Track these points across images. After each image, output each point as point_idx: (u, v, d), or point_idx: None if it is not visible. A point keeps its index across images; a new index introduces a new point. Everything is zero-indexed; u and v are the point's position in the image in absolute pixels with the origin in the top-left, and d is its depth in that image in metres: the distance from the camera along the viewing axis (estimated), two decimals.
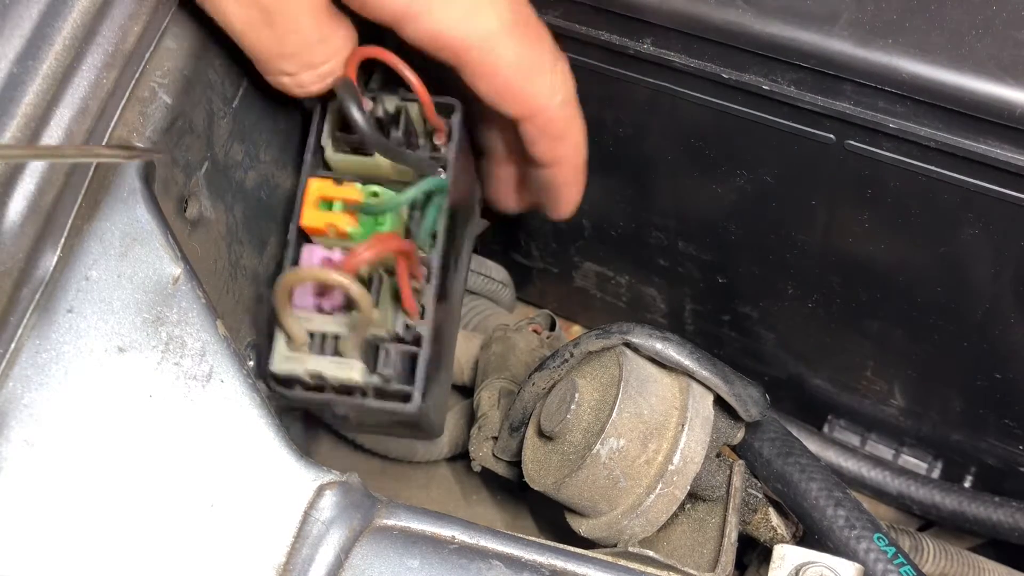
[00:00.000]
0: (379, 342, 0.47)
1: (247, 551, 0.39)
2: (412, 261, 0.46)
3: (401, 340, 0.47)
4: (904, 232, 0.52)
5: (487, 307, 0.77)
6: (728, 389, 0.50)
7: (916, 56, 0.44)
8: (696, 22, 0.48)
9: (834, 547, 0.50)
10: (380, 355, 0.47)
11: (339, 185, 0.46)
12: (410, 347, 0.47)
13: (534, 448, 0.54)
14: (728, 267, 0.63)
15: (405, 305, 0.46)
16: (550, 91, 0.49)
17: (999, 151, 0.44)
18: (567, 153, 0.53)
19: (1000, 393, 0.59)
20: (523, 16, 0.47)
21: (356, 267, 0.43)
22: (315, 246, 0.47)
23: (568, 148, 0.53)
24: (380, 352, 0.47)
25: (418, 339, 0.47)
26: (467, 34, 0.45)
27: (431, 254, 0.48)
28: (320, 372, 0.45)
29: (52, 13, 0.42)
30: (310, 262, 0.47)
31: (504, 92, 0.48)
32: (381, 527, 0.40)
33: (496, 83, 0.47)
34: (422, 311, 0.47)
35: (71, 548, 0.39)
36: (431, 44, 0.45)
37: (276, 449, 0.41)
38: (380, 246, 0.43)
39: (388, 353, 0.47)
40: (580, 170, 0.55)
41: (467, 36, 0.45)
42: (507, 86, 0.48)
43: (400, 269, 0.45)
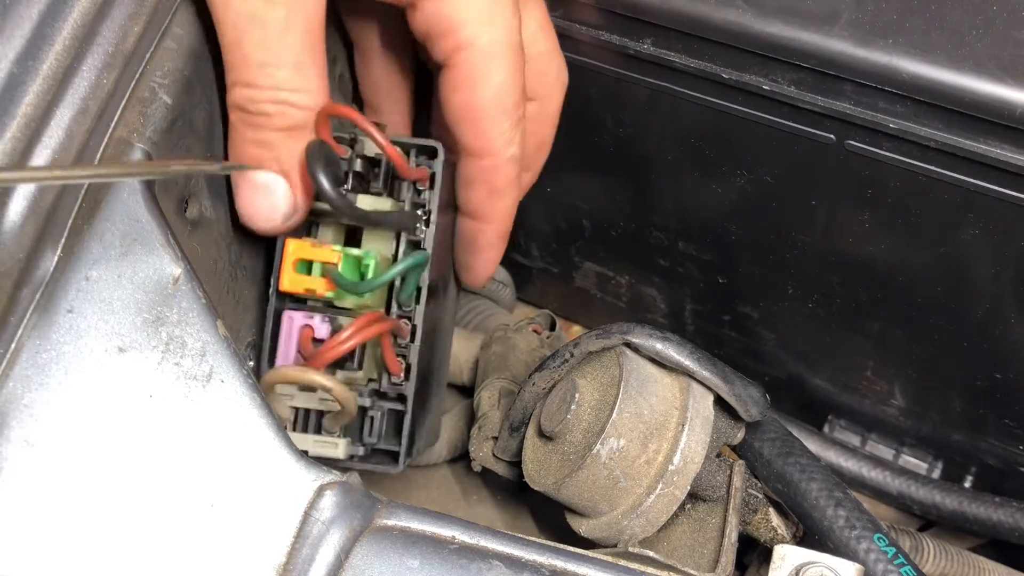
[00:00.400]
0: (366, 408, 0.48)
1: (247, 551, 0.39)
2: (397, 331, 0.46)
3: (385, 396, 0.48)
4: (904, 232, 0.52)
5: (487, 307, 0.77)
6: (728, 389, 0.50)
7: (916, 56, 0.44)
8: (696, 22, 0.48)
9: (834, 547, 0.50)
10: (366, 423, 0.48)
11: (316, 247, 0.46)
12: (395, 405, 0.48)
13: (534, 448, 0.54)
14: (728, 267, 0.63)
15: (389, 368, 0.47)
16: (509, 138, 0.49)
17: (999, 151, 0.44)
18: (498, 213, 0.52)
19: (1000, 393, 0.59)
20: (517, 45, 0.47)
21: (336, 357, 0.44)
22: (296, 312, 0.47)
23: (500, 208, 0.52)
24: (365, 421, 0.48)
25: (403, 398, 0.47)
26: (478, 34, 0.45)
27: (414, 312, 0.48)
28: (305, 450, 0.46)
29: (52, 13, 0.42)
30: (290, 329, 0.47)
31: (474, 111, 0.47)
32: (381, 527, 0.40)
33: (473, 98, 0.47)
34: (407, 369, 0.47)
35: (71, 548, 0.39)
36: (438, 28, 0.45)
37: (276, 449, 0.41)
38: (360, 336, 0.43)
39: (374, 420, 0.48)
40: (503, 238, 0.54)
41: (476, 36, 0.45)
42: (481, 106, 0.47)
43: (384, 341, 0.45)
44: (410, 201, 0.48)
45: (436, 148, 0.48)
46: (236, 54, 0.44)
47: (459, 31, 0.45)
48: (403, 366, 0.47)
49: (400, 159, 0.45)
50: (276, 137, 0.44)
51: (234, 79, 0.44)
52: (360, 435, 0.48)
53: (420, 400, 0.51)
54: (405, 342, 0.47)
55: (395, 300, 0.47)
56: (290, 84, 0.44)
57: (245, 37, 0.43)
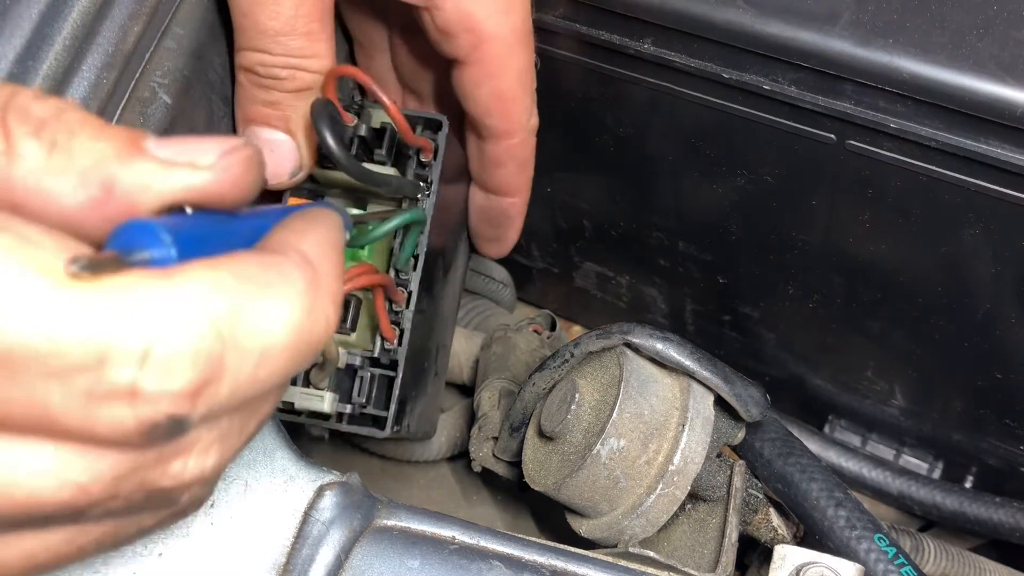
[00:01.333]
0: (356, 367, 0.48)
1: (247, 551, 0.39)
2: (390, 288, 0.46)
3: (378, 362, 0.48)
4: (905, 232, 0.52)
5: (487, 307, 0.77)
6: (729, 389, 0.50)
7: (917, 56, 0.44)
8: (696, 22, 0.48)
9: (835, 547, 0.50)
10: (356, 383, 0.47)
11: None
12: (387, 371, 0.48)
13: (534, 448, 0.54)
14: (729, 267, 0.63)
15: (383, 332, 0.47)
16: (530, 112, 0.51)
17: (1000, 151, 0.44)
18: (525, 183, 0.55)
19: (1001, 393, 0.58)
20: (531, 28, 0.49)
21: None
22: None
23: (526, 179, 0.55)
24: (356, 380, 0.47)
25: (395, 364, 0.48)
26: (499, 26, 0.46)
27: (411, 277, 0.48)
28: (290, 402, 0.46)
29: (52, 13, 0.42)
30: None
31: (502, 99, 0.49)
32: (381, 527, 0.40)
33: (499, 87, 0.48)
34: (400, 335, 0.47)
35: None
36: (460, 26, 0.46)
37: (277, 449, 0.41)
38: (350, 284, 0.43)
39: (363, 380, 0.47)
40: (527, 206, 0.57)
41: (497, 27, 0.46)
42: (508, 93, 0.49)
43: (377, 299, 0.46)
44: (413, 172, 0.48)
45: (441, 121, 0.48)
46: (248, 20, 0.44)
47: (479, 27, 0.46)
48: (397, 333, 0.47)
49: (404, 123, 0.46)
50: (285, 98, 0.45)
51: (244, 44, 0.45)
52: (350, 396, 0.48)
53: (414, 375, 0.51)
54: (400, 308, 0.47)
55: (393, 267, 0.48)
56: (302, 52, 0.44)
57: (258, 6, 0.43)
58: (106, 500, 0.25)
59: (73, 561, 0.28)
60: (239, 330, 0.25)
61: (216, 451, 0.27)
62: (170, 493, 0.27)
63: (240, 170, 0.28)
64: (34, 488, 0.24)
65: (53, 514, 0.25)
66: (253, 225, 0.30)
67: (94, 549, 0.28)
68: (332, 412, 0.48)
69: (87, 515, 0.26)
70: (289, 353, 0.27)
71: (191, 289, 0.24)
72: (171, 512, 0.29)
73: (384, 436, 0.48)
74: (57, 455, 0.24)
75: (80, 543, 0.27)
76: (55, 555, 0.27)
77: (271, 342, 0.26)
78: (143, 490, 0.26)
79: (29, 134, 0.25)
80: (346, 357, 0.48)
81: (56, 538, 0.27)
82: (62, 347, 0.23)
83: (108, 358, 0.23)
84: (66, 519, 0.26)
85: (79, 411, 0.23)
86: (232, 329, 0.25)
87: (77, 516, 0.25)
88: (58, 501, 0.25)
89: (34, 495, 0.24)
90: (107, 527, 0.27)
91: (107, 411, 0.23)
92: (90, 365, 0.23)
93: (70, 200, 0.26)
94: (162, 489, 0.26)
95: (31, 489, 0.24)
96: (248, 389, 0.26)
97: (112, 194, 0.26)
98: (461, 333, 0.72)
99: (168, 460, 0.26)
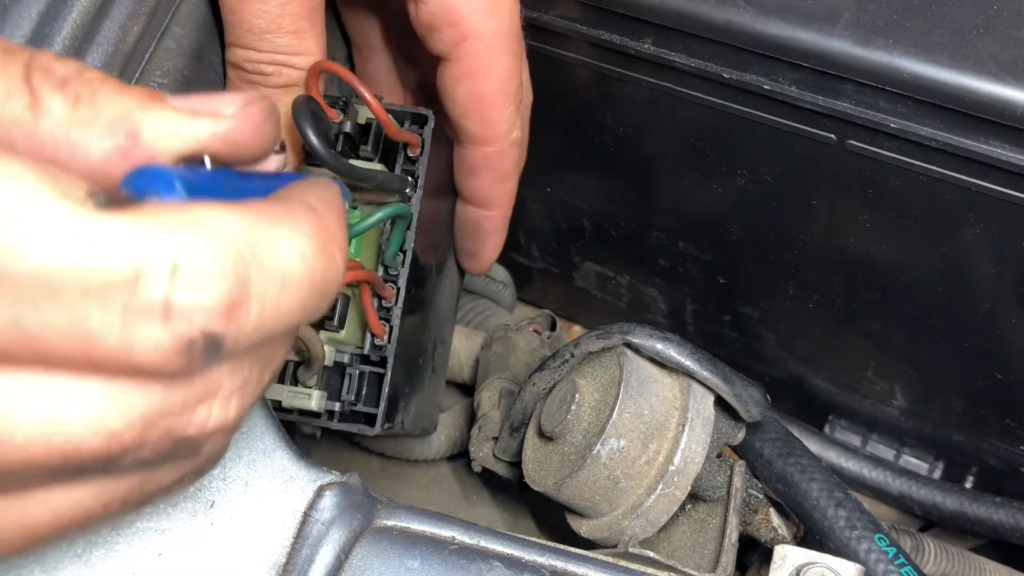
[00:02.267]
0: (345, 365, 0.48)
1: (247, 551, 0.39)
2: (376, 284, 0.46)
3: (368, 359, 0.48)
4: (905, 232, 0.52)
5: (487, 307, 0.77)
6: (729, 389, 0.50)
7: (917, 56, 0.44)
8: (696, 22, 0.48)
9: (835, 548, 0.50)
10: (345, 381, 0.47)
11: None
12: (376, 368, 0.48)
13: (534, 448, 0.54)
14: (729, 267, 0.63)
15: (372, 328, 0.47)
16: (511, 124, 0.50)
17: (1000, 151, 0.44)
18: (503, 197, 0.54)
19: (1001, 393, 0.58)
20: (519, 34, 0.48)
21: None
22: None
23: (503, 193, 0.54)
24: (345, 377, 0.47)
25: (385, 361, 0.48)
26: (482, 25, 0.46)
27: (399, 272, 0.48)
28: (279, 401, 0.46)
29: (52, 13, 0.42)
30: None
31: (479, 101, 0.48)
32: (381, 528, 0.40)
33: (478, 88, 0.48)
34: (390, 332, 0.47)
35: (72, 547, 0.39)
36: (443, 20, 0.46)
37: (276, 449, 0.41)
38: None
39: (352, 378, 0.47)
40: (506, 222, 0.56)
41: (481, 26, 0.46)
42: (486, 96, 0.48)
43: (364, 295, 0.45)
44: (400, 168, 0.48)
45: (427, 116, 0.48)
46: (236, 18, 0.44)
47: (462, 22, 0.46)
48: (387, 329, 0.47)
49: (387, 117, 0.46)
50: (272, 94, 0.45)
51: (232, 40, 0.45)
52: (339, 394, 0.48)
53: (407, 371, 0.50)
54: (389, 304, 0.47)
55: (381, 263, 0.48)
56: (289, 49, 0.45)
57: (245, 4, 0.43)
58: (136, 448, 0.26)
59: (99, 520, 0.28)
60: (260, 254, 0.26)
61: (237, 400, 0.28)
62: (194, 442, 0.27)
63: (259, 118, 0.29)
64: (71, 434, 0.25)
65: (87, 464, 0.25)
66: (262, 186, 0.31)
67: (119, 507, 0.28)
68: (320, 410, 0.48)
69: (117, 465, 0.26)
70: (307, 287, 0.27)
71: (210, 217, 0.25)
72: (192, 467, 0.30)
73: (374, 433, 0.48)
74: (94, 395, 0.25)
75: (107, 500, 0.28)
76: (83, 513, 0.27)
77: (290, 271, 0.27)
78: (170, 438, 0.26)
79: (53, 90, 0.26)
80: (334, 355, 0.48)
81: (85, 494, 0.27)
82: (97, 265, 0.23)
83: (141, 274, 0.24)
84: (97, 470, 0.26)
85: (117, 331, 0.24)
86: (253, 252, 0.26)
87: (108, 466, 0.26)
88: (92, 448, 0.25)
89: (72, 441, 0.25)
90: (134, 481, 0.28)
91: (144, 329, 0.24)
92: (125, 281, 0.24)
93: (96, 150, 0.26)
94: (187, 438, 0.27)
95: (68, 435, 0.25)
96: (273, 320, 0.26)
97: (138, 141, 0.27)
98: (462, 332, 0.72)
99: (194, 407, 0.27)
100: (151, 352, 0.24)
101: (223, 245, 0.25)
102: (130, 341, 0.24)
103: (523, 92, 0.52)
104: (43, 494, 0.26)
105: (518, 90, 0.49)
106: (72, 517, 0.27)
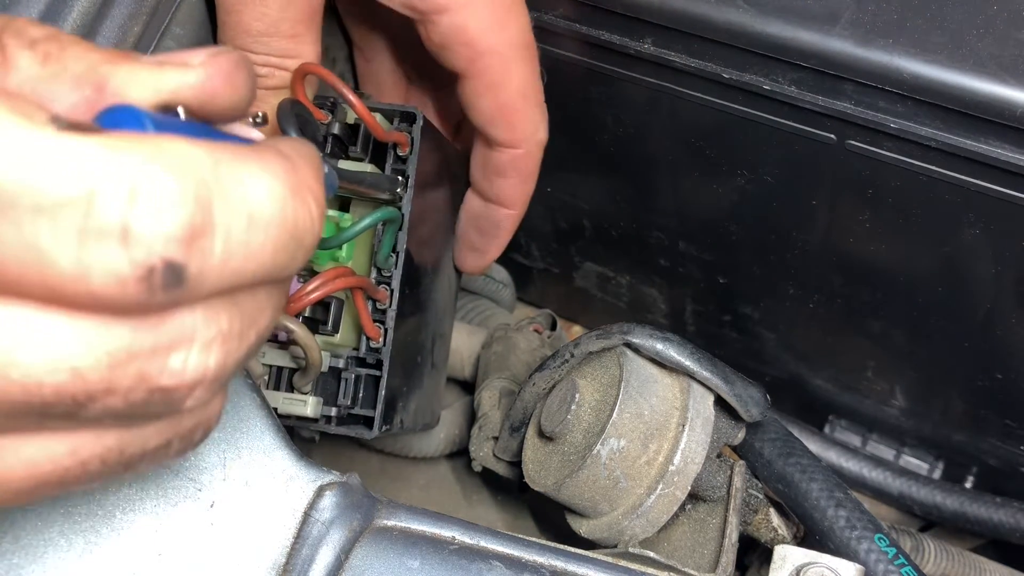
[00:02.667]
0: (341, 369, 0.48)
1: (247, 551, 0.39)
2: (369, 289, 0.46)
3: (365, 362, 0.48)
4: (905, 232, 0.52)
5: (487, 307, 0.77)
6: (729, 389, 0.50)
7: (917, 56, 0.44)
8: (696, 22, 0.48)
9: (835, 548, 0.50)
10: (341, 385, 0.47)
11: None
12: (372, 371, 0.48)
13: (534, 448, 0.54)
14: (729, 267, 0.63)
15: (366, 332, 0.47)
16: (536, 126, 0.51)
17: (1000, 151, 0.44)
18: (524, 198, 0.55)
19: (1001, 393, 0.58)
20: (531, 41, 0.49)
21: (301, 308, 0.44)
22: None
23: (526, 192, 0.55)
24: (341, 382, 0.47)
25: (381, 363, 0.47)
26: (495, 40, 0.46)
27: (392, 274, 0.48)
28: (274, 407, 0.46)
29: (52, 13, 0.42)
30: None
31: (503, 111, 0.49)
32: (381, 527, 0.40)
33: (500, 99, 0.48)
34: (385, 334, 0.47)
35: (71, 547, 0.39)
36: (455, 40, 0.46)
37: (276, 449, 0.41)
38: (326, 287, 0.43)
39: (347, 382, 0.47)
40: (519, 221, 0.57)
41: (494, 42, 0.46)
42: (509, 105, 0.49)
43: (357, 300, 0.45)
44: (391, 167, 0.48)
45: (415, 114, 0.48)
46: (232, 19, 0.44)
47: (475, 42, 0.46)
48: (382, 331, 0.47)
49: (371, 118, 0.45)
50: (263, 95, 0.45)
51: (227, 40, 0.45)
52: (336, 399, 0.48)
53: (406, 370, 0.50)
54: (384, 307, 0.47)
55: (374, 265, 0.48)
56: (284, 52, 0.45)
57: (245, 6, 0.43)
58: (104, 393, 0.25)
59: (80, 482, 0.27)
60: (226, 186, 0.25)
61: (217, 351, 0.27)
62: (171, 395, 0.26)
63: (229, 68, 0.28)
64: (31, 367, 0.24)
65: (51, 404, 0.24)
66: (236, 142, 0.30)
67: (99, 466, 0.27)
68: (317, 416, 0.48)
69: (86, 411, 0.25)
70: (277, 230, 0.26)
71: (173, 145, 0.24)
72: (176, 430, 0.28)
73: (372, 436, 0.48)
74: (56, 328, 0.24)
75: (84, 456, 0.27)
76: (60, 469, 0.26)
77: (258, 209, 0.26)
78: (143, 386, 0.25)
79: (23, 47, 0.26)
80: (329, 359, 0.47)
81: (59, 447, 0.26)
82: (51, 182, 0.22)
83: (96, 195, 0.23)
84: (65, 415, 0.25)
85: (72, 254, 0.23)
86: (219, 183, 0.25)
87: (75, 410, 0.25)
88: (55, 385, 0.24)
89: (32, 376, 0.24)
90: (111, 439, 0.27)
91: (100, 253, 0.23)
92: (79, 200, 0.23)
93: (63, 103, 0.26)
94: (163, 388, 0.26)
95: (27, 369, 0.24)
96: (241, 259, 0.25)
97: (104, 93, 0.26)
98: (463, 329, 0.72)
99: (166, 352, 0.25)
100: (108, 279, 0.23)
101: (185, 172, 0.24)
102: (86, 266, 0.23)
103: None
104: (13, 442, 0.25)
105: (539, 92, 0.50)
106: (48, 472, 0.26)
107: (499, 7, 0.46)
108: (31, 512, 0.39)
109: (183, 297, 0.24)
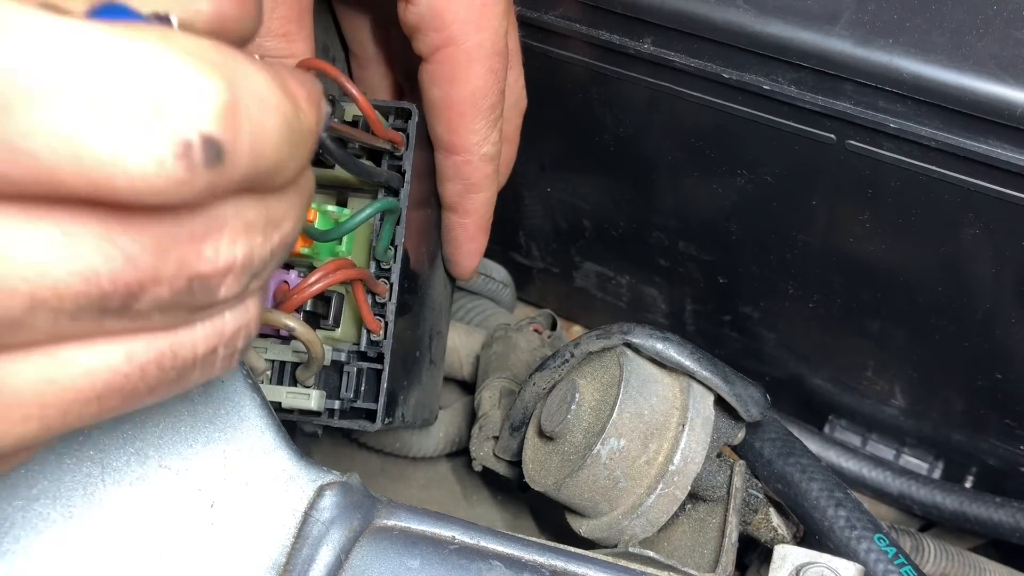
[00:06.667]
0: (343, 363, 0.48)
1: (247, 551, 0.39)
2: (369, 281, 0.46)
3: (365, 355, 0.48)
4: (905, 232, 0.52)
5: (487, 307, 0.77)
6: (729, 389, 0.50)
7: (916, 56, 0.44)
8: (696, 22, 0.48)
9: (835, 547, 0.50)
10: (343, 379, 0.48)
11: None
12: (374, 364, 0.48)
13: (535, 448, 0.54)
14: (729, 267, 0.63)
15: (367, 325, 0.47)
16: (483, 137, 0.50)
17: (999, 151, 0.44)
18: (474, 207, 0.54)
19: (1001, 393, 0.58)
20: (503, 53, 0.48)
21: (302, 302, 0.44)
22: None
23: (475, 203, 0.54)
24: (343, 375, 0.48)
25: (383, 356, 0.48)
26: (466, 36, 0.46)
27: (391, 267, 0.48)
28: (278, 402, 0.47)
29: None
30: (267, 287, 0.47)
31: (451, 108, 0.49)
32: (381, 527, 0.40)
33: (450, 96, 0.48)
34: (385, 327, 0.48)
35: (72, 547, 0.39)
36: (429, 24, 0.46)
37: (276, 449, 0.41)
38: (326, 280, 0.43)
39: (350, 376, 0.48)
40: (482, 231, 0.56)
41: (464, 35, 0.46)
42: (456, 106, 0.49)
43: (357, 293, 0.46)
44: (387, 163, 0.48)
45: (411, 110, 0.48)
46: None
47: (447, 28, 0.46)
48: (382, 324, 0.48)
49: (374, 115, 0.46)
50: None
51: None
52: (338, 392, 0.48)
53: (405, 364, 0.51)
54: (384, 300, 0.48)
55: (373, 259, 0.48)
56: (277, 52, 0.45)
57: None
58: (152, 282, 0.24)
59: (139, 392, 0.27)
60: (239, 67, 0.24)
61: (244, 244, 0.26)
62: (208, 281, 0.26)
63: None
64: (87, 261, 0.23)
65: (108, 295, 0.24)
66: None
67: (156, 372, 0.27)
68: (320, 409, 0.48)
69: (138, 303, 0.24)
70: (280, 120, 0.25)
71: (183, 36, 0.23)
72: (220, 336, 0.28)
73: (375, 429, 0.48)
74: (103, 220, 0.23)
75: (141, 360, 0.26)
76: (119, 376, 0.26)
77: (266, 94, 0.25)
78: (184, 274, 0.25)
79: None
80: (331, 353, 0.48)
81: (116, 352, 0.26)
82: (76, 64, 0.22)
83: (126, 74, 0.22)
84: (120, 309, 0.24)
85: (107, 135, 0.22)
86: (234, 61, 0.24)
87: (129, 302, 0.24)
88: (111, 275, 0.24)
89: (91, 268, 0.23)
90: (161, 340, 0.26)
91: (135, 132, 0.22)
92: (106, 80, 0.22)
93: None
94: (200, 275, 0.25)
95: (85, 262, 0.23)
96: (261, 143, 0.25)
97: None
98: (461, 328, 0.72)
99: (202, 239, 0.25)
100: (147, 160, 0.22)
101: (204, 51, 0.23)
102: (122, 147, 0.22)
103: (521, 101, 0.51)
104: (74, 352, 0.25)
105: (493, 107, 0.49)
106: (108, 380, 0.26)
107: (484, 8, 0.46)
108: (31, 512, 0.39)
109: (220, 178, 0.24)
